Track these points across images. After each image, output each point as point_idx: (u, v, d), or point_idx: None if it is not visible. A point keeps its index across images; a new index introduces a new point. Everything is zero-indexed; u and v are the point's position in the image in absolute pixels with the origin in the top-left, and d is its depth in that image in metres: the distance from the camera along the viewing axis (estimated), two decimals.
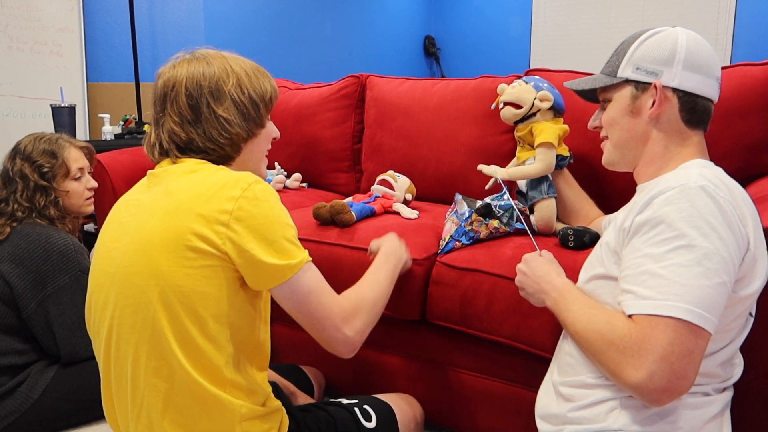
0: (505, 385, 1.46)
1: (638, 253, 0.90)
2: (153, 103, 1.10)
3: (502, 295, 1.37)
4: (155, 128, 1.09)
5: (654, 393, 0.83)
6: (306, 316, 1.03)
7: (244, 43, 3.63)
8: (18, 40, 3.19)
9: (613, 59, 1.09)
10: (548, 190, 1.50)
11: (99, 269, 1.04)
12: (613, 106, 1.08)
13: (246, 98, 1.08)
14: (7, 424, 1.48)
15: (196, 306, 0.95)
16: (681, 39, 1.02)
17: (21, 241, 1.52)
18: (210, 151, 1.06)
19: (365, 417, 1.23)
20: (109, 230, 1.06)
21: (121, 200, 1.09)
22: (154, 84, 1.10)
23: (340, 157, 2.30)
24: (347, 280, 1.57)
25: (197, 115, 1.05)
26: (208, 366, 0.97)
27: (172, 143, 1.06)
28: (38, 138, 1.63)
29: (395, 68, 5.12)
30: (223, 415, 0.99)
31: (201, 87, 1.05)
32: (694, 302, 0.83)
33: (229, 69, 1.08)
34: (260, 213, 0.97)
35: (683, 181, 0.90)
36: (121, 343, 1.00)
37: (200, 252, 0.95)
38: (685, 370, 0.83)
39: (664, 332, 0.83)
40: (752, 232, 0.90)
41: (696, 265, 0.84)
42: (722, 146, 1.56)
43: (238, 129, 1.07)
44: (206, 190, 0.97)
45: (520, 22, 5.14)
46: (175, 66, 1.08)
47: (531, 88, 1.56)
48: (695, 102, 1.02)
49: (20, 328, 1.53)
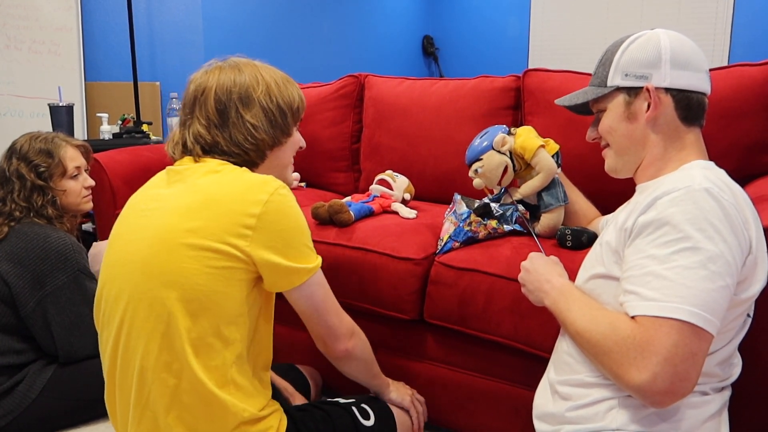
0: (503, 385, 1.46)
1: (642, 254, 0.90)
2: (182, 106, 1.13)
3: (501, 295, 1.37)
4: (181, 129, 1.12)
5: (657, 395, 0.83)
6: (314, 315, 1.09)
7: (242, 42, 3.63)
8: (16, 39, 3.18)
9: (600, 70, 1.09)
10: (564, 198, 1.48)
11: (114, 260, 1.04)
12: (609, 115, 1.08)
13: (274, 106, 1.11)
14: (5, 423, 1.48)
15: (213, 305, 0.97)
16: (663, 39, 1.03)
17: (19, 240, 1.52)
18: (234, 155, 1.08)
19: (363, 415, 1.24)
20: (126, 222, 1.06)
21: (139, 193, 1.10)
22: (185, 89, 1.13)
23: (339, 157, 2.30)
24: (346, 280, 1.57)
25: (224, 120, 1.08)
26: (216, 365, 0.98)
27: (196, 144, 1.08)
28: (34, 137, 1.63)
29: (394, 68, 5.12)
30: (224, 417, 0.99)
31: (230, 93, 1.08)
32: (698, 305, 0.83)
33: (259, 77, 1.11)
34: (285, 218, 1.00)
35: (688, 183, 0.90)
36: (132, 336, 1.00)
37: (223, 253, 0.96)
38: (688, 372, 0.83)
39: (667, 334, 0.83)
40: (754, 234, 0.91)
41: (701, 268, 0.84)
42: (720, 146, 1.56)
43: (264, 135, 1.10)
44: (233, 191, 0.99)
45: (518, 22, 5.14)
46: (207, 72, 1.11)
47: (488, 154, 1.49)
48: (689, 98, 1.02)
49: (18, 328, 1.53)
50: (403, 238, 1.55)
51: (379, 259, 1.52)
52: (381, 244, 1.54)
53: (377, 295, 1.53)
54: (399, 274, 1.49)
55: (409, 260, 1.49)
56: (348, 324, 1.15)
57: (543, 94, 1.83)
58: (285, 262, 1.00)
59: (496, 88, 1.94)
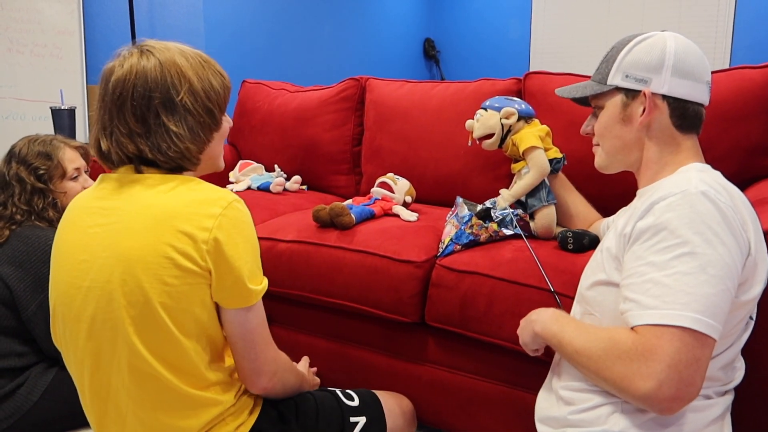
0: (504, 388, 1.46)
1: (641, 261, 0.89)
2: (99, 106, 1.01)
3: (502, 298, 1.37)
4: (102, 133, 1.01)
5: (664, 402, 0.83)
6: (248, 343, 1.02)
7: (243, 45, 3.64)
8: (18, 42, 3.19)
9: (603, 66, 1.09)
10: (547, 197, 1.50)
11: (67, 281, 0.99)
12: (605, 114, 1.08)
13: (200, 106, 1.00)
14: (7, 426, 1.48)
15: (178, 321, 0.95)
16: (669, 45, 1.02)
17: (20, 243, 1.52)
18: (161, 162, 1.00)
19: (347, 397, 1.24)
20: (71, 238, 1.00)
21: (80, 205, 1.03)
22: (100, 82, 1.01)
23: (340, 160, 2.31)
24: (347, 283, 1.57)
25: (147, 128, 0.98)
26: (192, 373, 0.98)
27: (120, 153, 1.00)
28: (32, 140, 1.63)
29: (395, 71, 5.13)
30: (209, 410, 1.01)
31: (150, 99, 0.97)
32: (699, 310, 0.83)
33: (179, 71, 0.98)
34: (239, 234, 0.96)
35: (684, 187, 0.90)
36: (101, 357, 0.98)
37: (183, 269, 0.93)
38: (693, 378, 0.83)
39: (670, 342, 0.83)
40: (753, 236, 0.90)
41: (700, 273, 0.84)
42: (720, 149, 1.56)
43: (190, 144, 1.00)
44: (186, 207, 0.95)
45: (519, 25, 5.14)
46: (123, 65, 0.99)
47: (493, 113, 1.59)
48: (686, 108, 1.02)
49: (20, 331, 1.53)
50: (404, 241, 1.55)
51: (380, 262, 1.52)
52: (382, 246, 1.54)
53: (378, 298, 1.53)
54: (400, 277, 1.49)
55: (410, 263, 1.49)
56: (274, 360, 1.06)
57: (544, 97, 1.83)
58: (239, 278, 0.96)
59: (497, 91, 1.95)
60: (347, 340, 1.68)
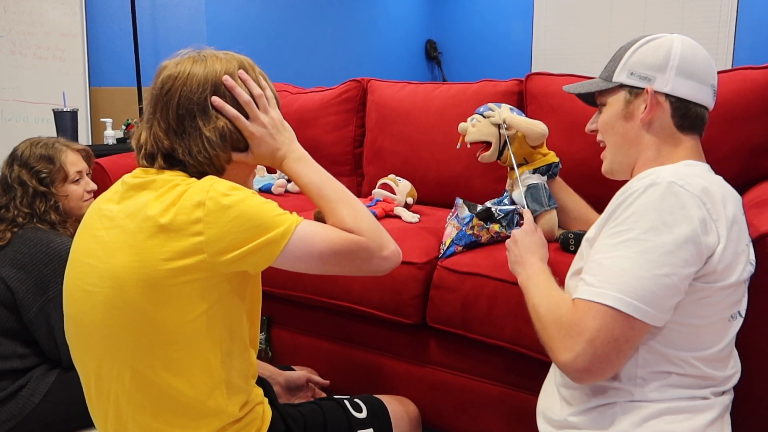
0: (506, 390, 1.45)
1: (598, 243, 0.95)
2: (149, 101, 1.05)
3: (504, 299, 1.37)
4: (145, 127, 1.05)
5: (576, 372, 0.89)
6: (331, 265, 1.00)
7: (245, 47, 3.64)
8: (21, 45, 3.20)
9: (610, 64, 1.11)
10: (549, 202, 1.48)
11: (75, 283, 1.01)
12: (608, 110, 1.10)
13: None
14: (8, 428, 1.48)
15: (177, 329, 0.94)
16: (676, 46, 1.03)
17: (22, 245, 1.52)
18: (189, 165, 1.01)
19: (355, 408, 1.23)
20: (82, 241, 1.02)
21: (94, 207, 1.05)
22: (155, 78, 1.05)
23: (342, 161, 2.31)
24: (348, 284, 1.57)
25: (183, 128, 1.00)
26: (198, 382, 0.97)
27: (155, 148, 1.02)
28: (34, 143, 1.63)
29: (397, 72, 5.13)
30: (211, 420, 1.00)
31: (191, 101, 0.99)
32: (627, 292, 0.87)
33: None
34: (232, 205, 0.93)
35: (653, 178, 0.92)
36: (103, 361, 0.98)
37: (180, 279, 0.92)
38: (609, 356, 0.88)
39: (593, 318, 0.88)
40: (725, 229, 0.90)
41: (638, 257, 0.88)
42: (723, 150, 1.56)
43: (220, 151, 1.01)
44: (169, 206, 0.93)
45: (521, 27, 5.14)
46: (178, 65, 1.03)
47: (489, 122, 1.50)
48: (688, 108, 1.03)
49: (22, 333, 1.53)
50: (405, 243, 1.54)
51: None
52: None
53: (380, 300, 1.53)
54: (401, 279, 1.49)
55: (411, 264, 1.49)
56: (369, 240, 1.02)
57: (546, 98, 1.83)
58: (249, 245, 0.92)
59: (499, 92, 1.94)
60: (349, 341, 1.68)
